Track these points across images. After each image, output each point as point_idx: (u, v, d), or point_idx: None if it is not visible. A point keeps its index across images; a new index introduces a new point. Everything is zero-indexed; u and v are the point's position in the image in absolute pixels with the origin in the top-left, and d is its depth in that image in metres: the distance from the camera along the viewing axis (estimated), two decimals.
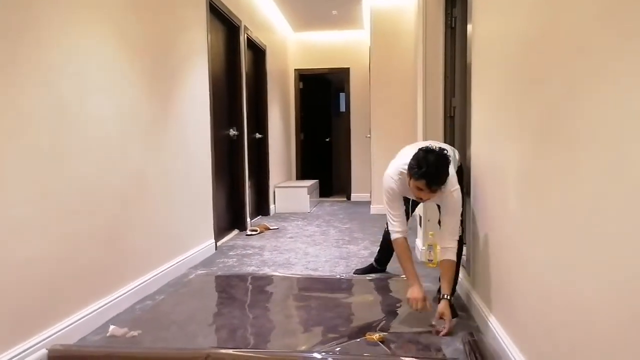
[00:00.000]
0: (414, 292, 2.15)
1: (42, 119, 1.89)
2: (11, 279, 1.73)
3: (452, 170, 2.13)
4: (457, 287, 2.54)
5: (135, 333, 2.09)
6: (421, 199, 2.15)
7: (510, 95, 1.73)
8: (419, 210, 3.54)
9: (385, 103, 5.61)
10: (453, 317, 2.14)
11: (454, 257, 2.16)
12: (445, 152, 2.08)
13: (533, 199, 1.49)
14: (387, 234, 2.77)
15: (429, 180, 2.01)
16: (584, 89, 1.13)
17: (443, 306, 2.08)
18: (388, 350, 1.89)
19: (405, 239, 2.27)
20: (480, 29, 2.18)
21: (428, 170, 2.00)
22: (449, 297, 2.11)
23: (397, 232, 2.26)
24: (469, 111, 2.38)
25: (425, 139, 3.33)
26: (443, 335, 2.03)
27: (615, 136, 0.99)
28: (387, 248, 2.94)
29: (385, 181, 2.27)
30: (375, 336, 2.00)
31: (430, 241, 3.16)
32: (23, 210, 1.78)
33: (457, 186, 2.14)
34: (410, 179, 2.08)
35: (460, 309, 2.37)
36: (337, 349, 1.93)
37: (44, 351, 1.67)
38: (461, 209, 2.18)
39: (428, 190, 2.04)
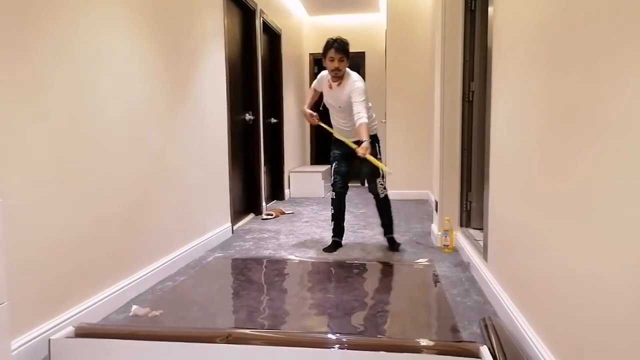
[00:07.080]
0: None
1: (62, 102, 1.92)
2: (40, 260, 1.79)
3: (359, 83, 3.15)
4: (473, 272, 2.56)
5: (157, 313, 2.14)
6: (337, 69, 3.10)
7: (532, 80, 1.70)
8: (435, 195, 3.53)
9: (401, 87, 5.56)
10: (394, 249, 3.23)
11: (365, 121, 3.00)
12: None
13: (553, 183, 1.48)
14: (334, 205, 3.41)
15: (333, 43, 3.07)
16: (607, 75, 1.11)
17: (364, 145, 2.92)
18: None
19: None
20: (501, 11, 2.15)
21: (333, 41, 3.09)
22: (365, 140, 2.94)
23: (306, 107, 3.53)
24: (489, 96, 2.35)
25: (442, 123, 3.31)
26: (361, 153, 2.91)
27: (637, 121, 0.98)
28: (337, 209, 3.41)
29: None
30: None
31: (446, 227, 3.17)
32: (49, 193, 1.83)
33: (360, 79, 3.18)
34: (326, 60, 3.14)
35: (477, 293, 2.38)
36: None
37: (70, 328, 1.73)
38: (365, 105, 3.10)
39: (337, 57, 3.07)
